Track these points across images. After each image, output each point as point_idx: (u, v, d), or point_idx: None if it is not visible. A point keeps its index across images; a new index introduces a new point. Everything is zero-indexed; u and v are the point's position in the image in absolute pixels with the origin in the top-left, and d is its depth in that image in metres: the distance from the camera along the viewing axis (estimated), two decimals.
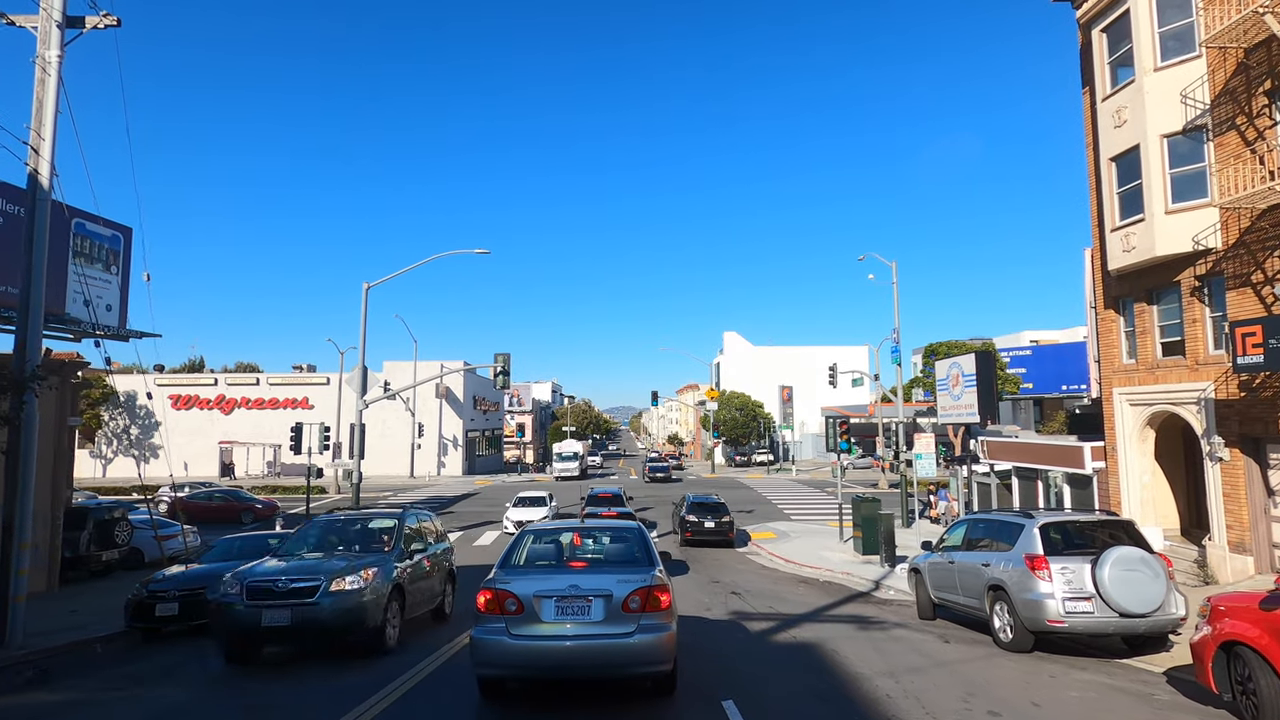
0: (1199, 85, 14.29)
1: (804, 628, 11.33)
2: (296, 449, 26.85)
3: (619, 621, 6.40)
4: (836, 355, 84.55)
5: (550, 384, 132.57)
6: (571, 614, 6.45)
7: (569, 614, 6.46)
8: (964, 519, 12.23)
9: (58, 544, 16.18)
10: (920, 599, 12.40)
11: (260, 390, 59.12)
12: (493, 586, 6.67)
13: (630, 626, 6.39)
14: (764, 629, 11.25)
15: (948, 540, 11.98)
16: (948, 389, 26.05)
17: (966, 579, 10.71)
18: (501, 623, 6.46)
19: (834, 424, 23.86)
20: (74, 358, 17.47)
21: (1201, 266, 14.30)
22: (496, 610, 6.51)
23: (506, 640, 6.38)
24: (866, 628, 11.32)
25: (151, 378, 59.50)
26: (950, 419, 25.96)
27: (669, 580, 7.04)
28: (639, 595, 6.49)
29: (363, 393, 23.99)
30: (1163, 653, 9.40)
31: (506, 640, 6.38)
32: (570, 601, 6.48)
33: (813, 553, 21.70)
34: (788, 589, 16.05)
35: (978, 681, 8.12)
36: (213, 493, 33.00)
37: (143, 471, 57.18)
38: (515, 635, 6.39)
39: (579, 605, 6.47)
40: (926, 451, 17.19)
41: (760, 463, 70.68)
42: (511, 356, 24.39)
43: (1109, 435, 17.03)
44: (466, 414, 62.08)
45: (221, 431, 57.60)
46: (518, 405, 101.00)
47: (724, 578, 17.64)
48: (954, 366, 25.50)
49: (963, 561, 10.96)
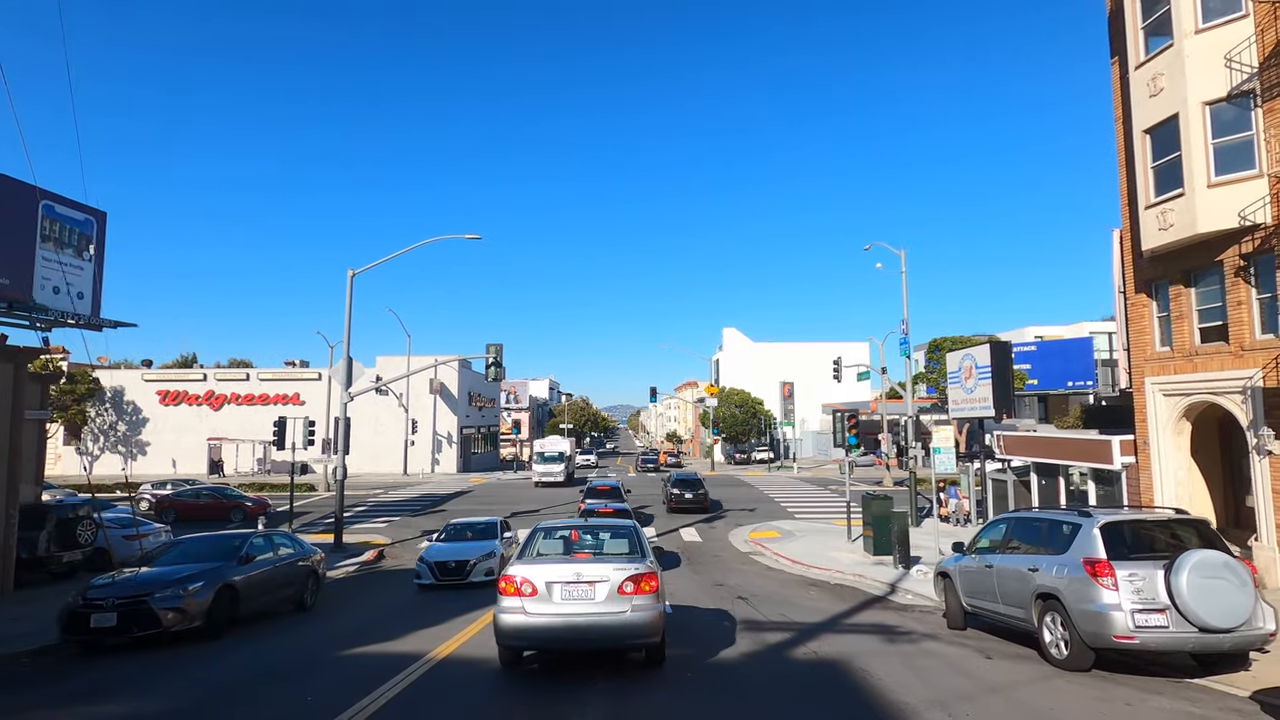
0: (1246, 47, 13.17)
1: (824, 640, 10.21)
2: (280, 444, 25.61)
3: (615, 602, 7.66)
4: (838, 352, 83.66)
5: (548, 381, 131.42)
6: (577, 597, 7.74)
7: (575, 597, 7.74)
8: (1003, 518, 11.01)
9: (12, 544, 15.06)
10: (950, 606, 11.25)
11: (250, 386, 57.85)
12: (512, 573, 7.95)
13: (625, 606, 7.65)
14: (780, 641, 10.11)
15: (982, 541, 10.84)
16: (960, 382, 24.98)
17: (1008, 585, 9.54)
18: (519, 603, 7.71)
19: (842, 418, 22.76)
20: (56, 350, 16.33)
21: (1248, 244, 13.19)
22: (515, 593, 7.76)
23: (523, 618, 7.66)
24: (894, 640, 10.21)
25: (139, 373, 58.32)
26: (963, 413, 24.88)
27: (659, 569, 8.42)
28: (632, 581, 7.77)
29: (347, 385, 22.82)
30: (1241, 672, 8.17)
31: (523, 618, 7.66)
32: (575, 586, 7.76)
33: (820, 553, 20.62)
34: (797, 593, 14.95)
35: (1040, 710, 7.01)
36: (200, 490, 31.81)
37: (130, 469, 56.02)
38: (531, 613, 7.66)
39: (583, 589, 7.75)
40: (946, 445, 16.07)
41: (760, 460, 69.56)
42: (508, 352, 23.27)
43: (1140, 428, 15.94)
44: (462, 410, 60.88)
45: (210, 428, 56.33)
46: (515, 402, 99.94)
47: (728, 580, 16.54)
48: (967, 358, 24.43)
49: (1003, 566, 9.77)
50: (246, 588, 11.26)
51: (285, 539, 13.38)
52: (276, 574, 12.15)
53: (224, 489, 32.37)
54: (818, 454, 76.88)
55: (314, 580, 13.47)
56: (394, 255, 23.54)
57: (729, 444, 76.01)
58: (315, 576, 13.53)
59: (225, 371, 60.01)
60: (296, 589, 12.80)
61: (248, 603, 11.35)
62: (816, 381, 79.16)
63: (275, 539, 12.94)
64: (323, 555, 14.30)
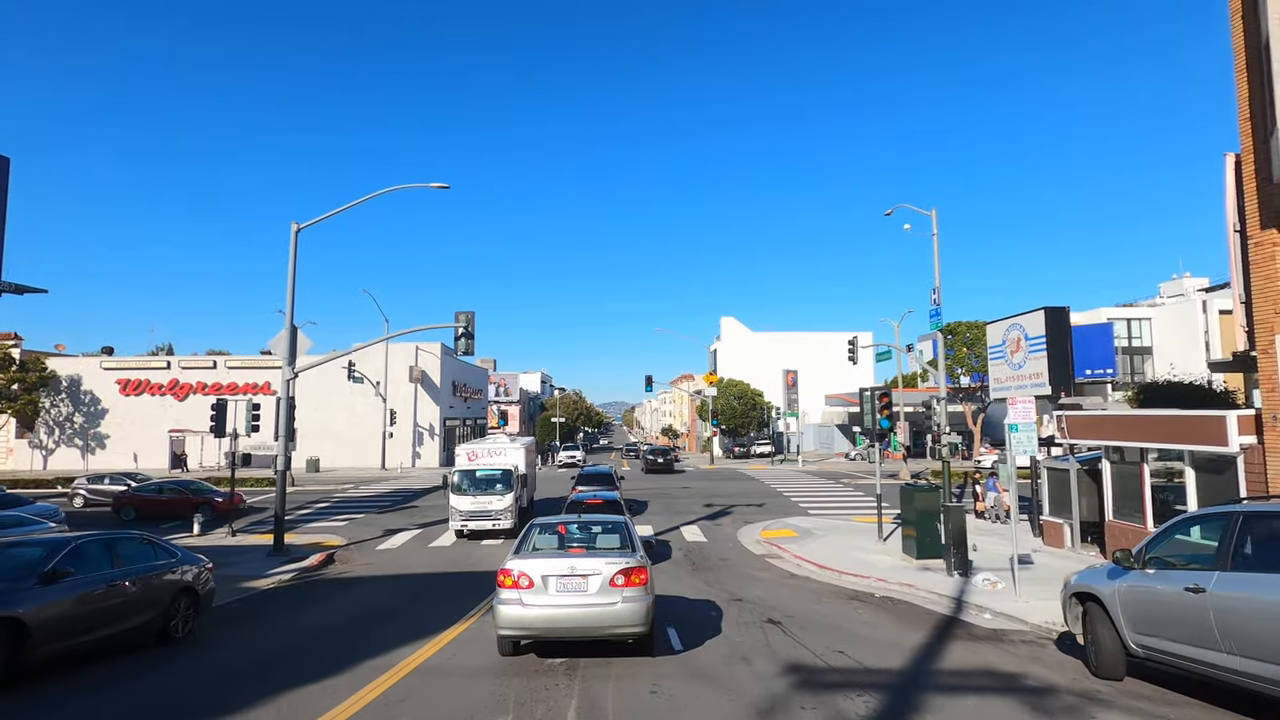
0: None
1: (933, 710, 6.81)
2: (218, 431, 22.08)
3: (607, 594, 8.15)
4: (839, 340, 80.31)
5: (539, 374, 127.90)
6: (571, 589, 8.23)
7: (569, 589, 8.24)
8: (1212, 512, 7.33)
9: None
10: (1102, 644, 7.74)
11: (218, 374, 54.14)
12: (510, 567, 8.43)
13: (615, 598, 8.13)
14: (866, 716, 6.69)
15: (1172, 549, 7.38)
16: (1004, 357, 21.66)
17: (1245, 626, 6.07)
18: (517, 595, 8.21)
19: (873, 397, 19.39)
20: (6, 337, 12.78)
21: None
22: (513, 585, 8.27)
23: (520, 609, 8.17)
24: (1041, 709, 6.76)
25: (98, 360, 54.54)
26: (1008, 392, 21.53)
27: (649, 562, 8.89)
28: (622, 574, 8.25)
29: (291, 360, 19.33)
30: None
31: (520, 609, 8.17)
32: (569, 579, 8.27)
33: (849, 555, 17.30)
34: (842, 611, 11.60)
35: None
36: (163, 484, 28.25)
37: (87, 463, 52.23)
38: (528, 604, 8.18)
39: (576, 582, 8.25)
40: (1027, 420, 12.42)
41: (760, 455, 66.15)
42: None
43: (1267, 399, 12.60)
44: (445, 400, 57.35)
45: (175, 419, 52.58)
46: (505, 395, 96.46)
47: (747, 592, 13.19)
48: (1013, 329, 21.11)
49: (1234, 593, 6.23)
50: (50, 620, 7.71)
51: (139, 546, 9.73)
52: (115, 596, 8.66)
53: (190, 483, 28.76)
54: (819, 448, 73.64)
55: (188, 601, 9.97)
56: (344, 208, 20.03)
57: (727, 438, 72.65)
58: (191, 595, 9.98)
59: (191, 359, 56.25)
60: (155, 615, 9.33)
61: (57, 640, 7.77)
62: (817, 373, 75.96)
63: (121, 545, 9.27)
64: (210, 566, 10.73)
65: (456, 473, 21.27)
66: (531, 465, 27.16)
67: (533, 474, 27.68)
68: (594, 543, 9.34)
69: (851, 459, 60.84)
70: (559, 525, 9.79)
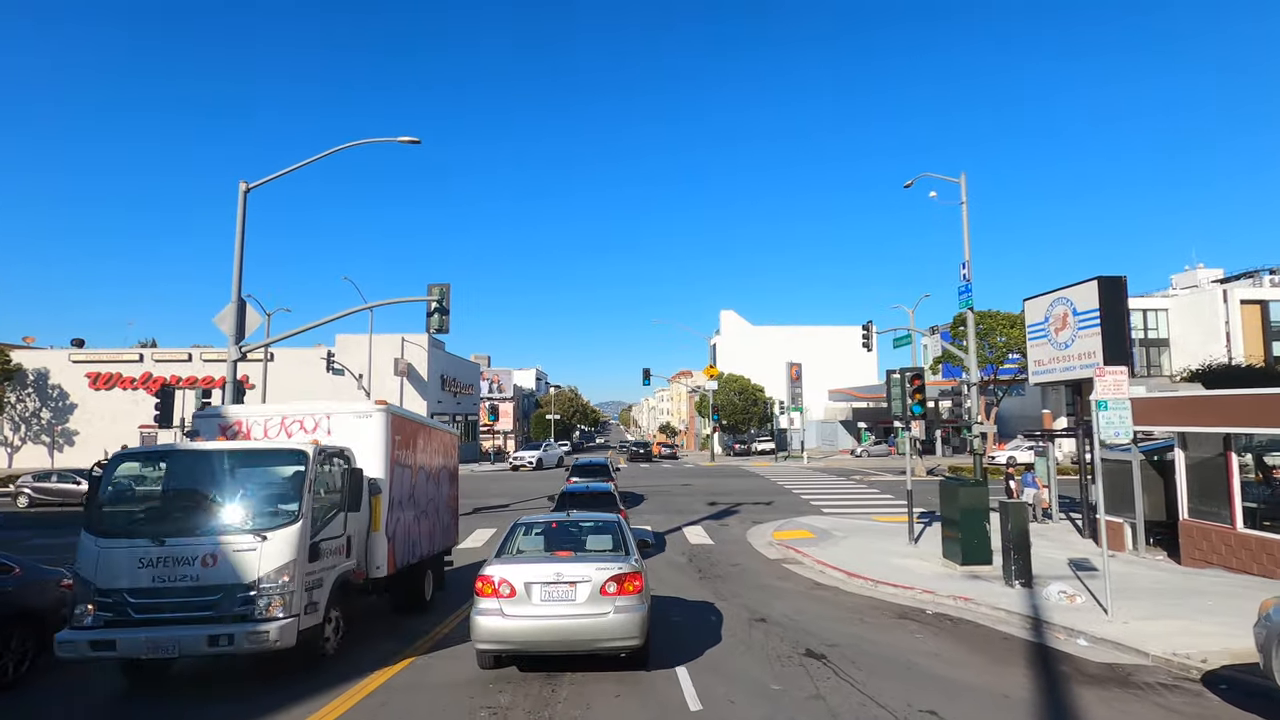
0: None
1: None
2: (164, 421, 19.62)
3: (597, 604, 7.35)
4: (842, 334, 78.01)
5: (534, 371, 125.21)
6: (557, 598, 7.40)
7: (555, 598, 7.41)
8: None
9: None
10: None
11: (193, 367, 51.54)
12: (489, 573, 7.56)
13: (607, 608, 7.33)
14: None
15: None
16: (1048, 336, 19.27)
17: None
18: (497, 604, 7.36)
19: (903, 379, 16.97)
20: None
21: None
22: (493, 594, 7.42)
23: (500, 620, 7.30)
24: None
25: (66, 353, 51.87)
26: (1052, 376, 19.17)
27: (644, 567, 8.07)
28: (615, 581, 7.45)
29: (238, 338, 16.80)
30: None
31: (500, 620, 7.30)
32: (555, 587, 7.44)
33: (879, 560, 14.89)
34: (894, 636, 9.18)
35: None
36: None
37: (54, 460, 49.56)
38: (509, 615, 7.32)
39: (563, 590, 7.43)
40: (1116, 395, 9.89)
41: (761, 452, 63.72)
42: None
43: None
44: (433, 395, 54.80)
45: (147, 414, 49.90)
46: (498, 391, 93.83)
47: (770, 608, 10.78)
48: (1058, 304, 18.72)
49: None
50: None
51: None
52: None
53: None
54: (822, 444, 71.30)
55: (26, 633, 7.50)
56: (298, 165, 17.54)
57: (727, 435, 70.30)
58: (32, 624, 7.48)
59: (164, 351, 53.55)
60: None
61: None
62: (819, 368, 73.69)
63: None
64: (68, 583, 8.28)
65: None
66: (437, 470, 12.46)
67: (438, 490, 12.36)
68: (583, 544, 8.51)
69: (858, 455, 58.50)
70: (545, 524, 9.06)
